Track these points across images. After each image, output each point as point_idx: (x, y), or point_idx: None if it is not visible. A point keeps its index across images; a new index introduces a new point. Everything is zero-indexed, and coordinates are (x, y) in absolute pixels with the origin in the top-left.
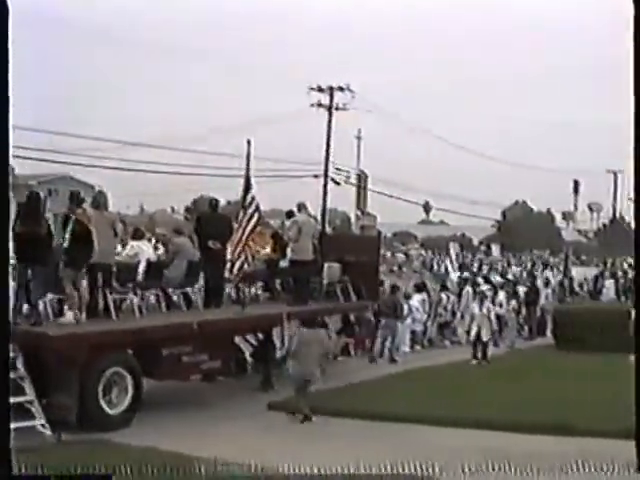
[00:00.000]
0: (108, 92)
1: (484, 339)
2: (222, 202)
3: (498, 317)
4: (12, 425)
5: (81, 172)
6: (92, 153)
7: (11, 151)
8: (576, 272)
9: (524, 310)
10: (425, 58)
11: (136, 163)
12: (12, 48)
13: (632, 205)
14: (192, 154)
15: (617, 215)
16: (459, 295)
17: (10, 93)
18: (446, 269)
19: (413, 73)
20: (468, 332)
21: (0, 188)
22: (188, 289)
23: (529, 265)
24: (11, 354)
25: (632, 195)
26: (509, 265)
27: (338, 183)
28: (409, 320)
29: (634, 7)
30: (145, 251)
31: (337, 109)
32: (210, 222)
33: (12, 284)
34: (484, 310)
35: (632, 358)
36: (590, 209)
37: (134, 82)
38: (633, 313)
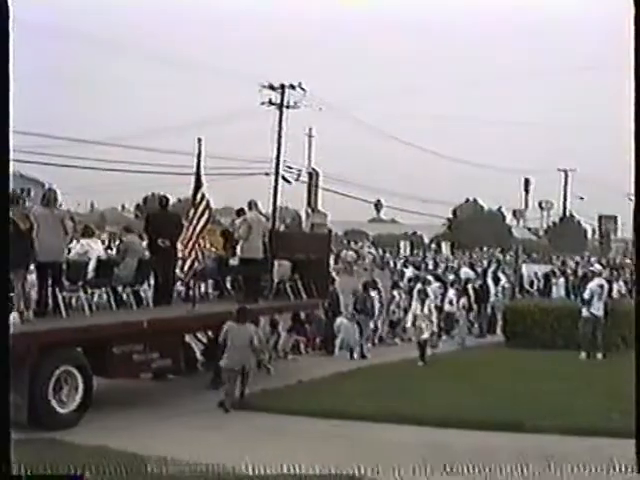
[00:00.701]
0: (58, 89)
1: (424, 336)
2: (173, 200)
3: (448, 315)
4: None
5: (32, 170)
6: (43, 150)
7: None
8: (527, 270)
9: (475, 308)
10: (379, 58)
11: (87, 160)
12: None
13: (582, 203)
14: (144, 152)
15: (567, 213)
16: (410, 293)
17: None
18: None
19: (366, 73)
20: (404, 329)
21: (0, 188)
22: (138, 287)
23: (485, 263)
24: None
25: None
26: (463, 263)
27: (289, 181)
28: None
29: (634, 7)
30: (95, 249)
31: (288, 107)
32: (160, 220)
33: None
34: (425, 310)
35: (583, 354)
36: (540, 207)
37: (85, 79)
38: (583, 311)
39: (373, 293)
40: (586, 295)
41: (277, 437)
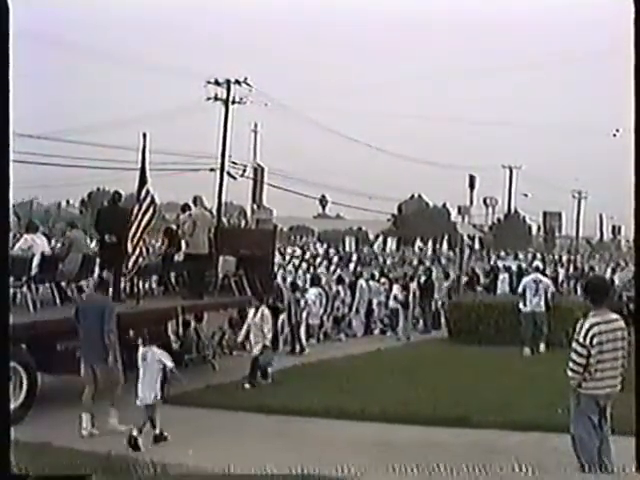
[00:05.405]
0: None
1: (254, 351)
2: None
3: (392, 311)
4: None
5: None
6: None
7: None
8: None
9: (419, 303)
10: (330, 56)
11: (30, 155)
12: None
13: (526, 200)
14: (88, 147)
15: (512, 210)
16: (353, 289)
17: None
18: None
19: (316, 70)
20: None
21: (0, 190)
22: (83, 283)
23: (427, 260)
24: None
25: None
26: (404, 260)
27: (234, 177)
28: (305, 314)
29: (634, 7)
30: (39, 244)
31: (233, 102)
32: (110, 216)
33: None
34: (257, 319)
35: (527, 350)
36: (485, 204)
37: (27, 74)
38: (521, 306)
39: (317, 289)
40: (520, 289)
41: (221, 434)
